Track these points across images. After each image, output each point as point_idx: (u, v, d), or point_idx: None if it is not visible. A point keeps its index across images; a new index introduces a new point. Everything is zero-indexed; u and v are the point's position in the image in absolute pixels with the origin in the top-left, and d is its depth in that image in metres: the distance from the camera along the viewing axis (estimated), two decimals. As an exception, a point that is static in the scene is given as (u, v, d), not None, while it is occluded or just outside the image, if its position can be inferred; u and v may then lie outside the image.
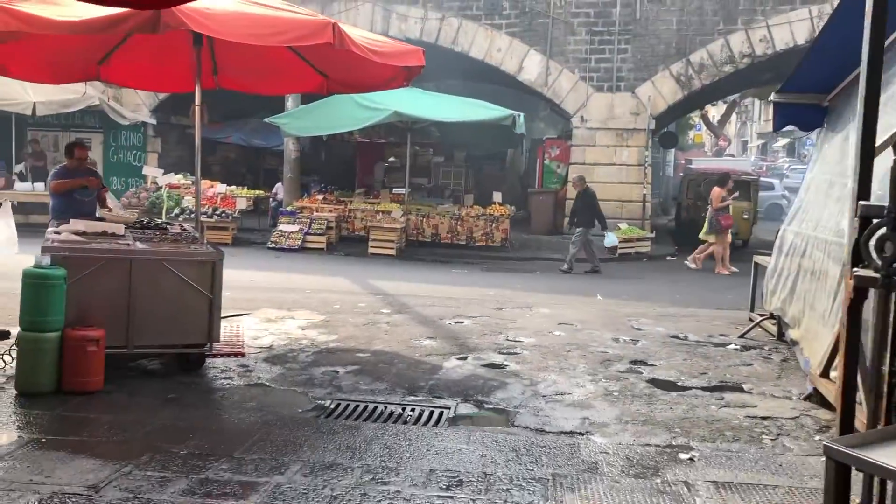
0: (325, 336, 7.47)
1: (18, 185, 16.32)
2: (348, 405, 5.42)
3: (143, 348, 5.91)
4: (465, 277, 12.72)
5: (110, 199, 15.40)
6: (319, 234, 15.28)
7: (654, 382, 6.35)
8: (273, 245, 15.10)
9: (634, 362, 7.01)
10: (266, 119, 15.63)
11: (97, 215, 7.43)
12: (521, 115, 14.45)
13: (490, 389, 5.94)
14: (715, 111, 45.09)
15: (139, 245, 5.97)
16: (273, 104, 17.16)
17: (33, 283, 5.27)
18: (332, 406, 5.38)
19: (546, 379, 6.31)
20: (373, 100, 14.48)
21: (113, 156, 19.45)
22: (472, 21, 18.38)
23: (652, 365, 6.93)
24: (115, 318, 5.64)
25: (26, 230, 11.60)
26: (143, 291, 5.72)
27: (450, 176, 22.57)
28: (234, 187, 17.26)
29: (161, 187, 16.25)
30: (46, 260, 5.38)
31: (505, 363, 6.78)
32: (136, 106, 19.43)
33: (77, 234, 6.19)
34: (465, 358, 6.89)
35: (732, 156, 52.20)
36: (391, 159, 21.97)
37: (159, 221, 7.61)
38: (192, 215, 15.85)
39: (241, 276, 10.91)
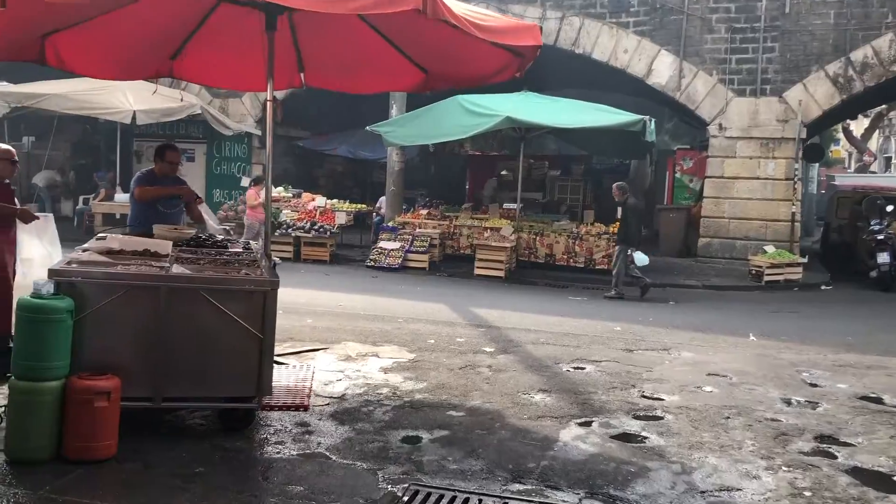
0: (412, 383, 6.02)
1: (118, 197, 15.87)
2: (429, 495, 3.93)
3: (174, 401, 4.63)
4: (584, 307, 10.96)
5: (205, 212, 14.62)
6: (422, 252, 13.92)
7: (858, 475, 4.53)
8: (371, 263, 13.85)
9: (821, 438, 5.19)
10: (368, 127, 14.42)
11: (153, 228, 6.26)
12: (653, 120, 12.58)
13: (625, 478, 4.30)
14: (854, 125, 41.23)
15: (174, 269, 4.72)
16: (381, 114, 16.02)
17: (28, 318, 4.07)
18: (407, 497, 3.90)
19: (703, 463, 4.60)
20: (483, 105, 13.03)
21: (216, 167, 18.87)
22: (595, 20, 16.65)
23: (847, 444, 5.09)
24: (138, 363, 4.41)
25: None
26: (175, 329, 4.45)
27: (566, 190, 20.85)
28: (334, 201, 16.20)
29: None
30: (49, 287, 4.17)
31: (643, 433, 5.11)
32: (242, 116, 18.81)
33: (108, 252, 5.02)
34: (590, 424, 5.27)
35: (874, 172, 47.68)
36: (503, 172, 20.52)
37: (220, 237, 6.38)
38: (290, 230, 14.99)
39: (328, 300, 9.70)
